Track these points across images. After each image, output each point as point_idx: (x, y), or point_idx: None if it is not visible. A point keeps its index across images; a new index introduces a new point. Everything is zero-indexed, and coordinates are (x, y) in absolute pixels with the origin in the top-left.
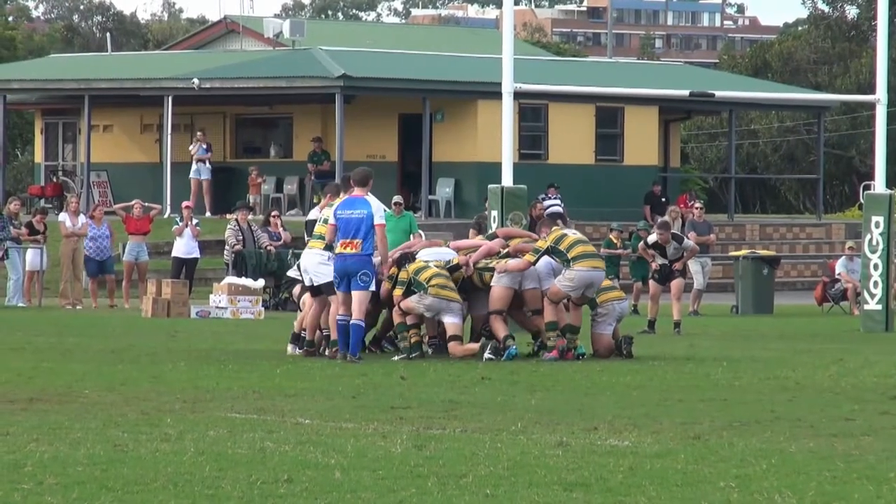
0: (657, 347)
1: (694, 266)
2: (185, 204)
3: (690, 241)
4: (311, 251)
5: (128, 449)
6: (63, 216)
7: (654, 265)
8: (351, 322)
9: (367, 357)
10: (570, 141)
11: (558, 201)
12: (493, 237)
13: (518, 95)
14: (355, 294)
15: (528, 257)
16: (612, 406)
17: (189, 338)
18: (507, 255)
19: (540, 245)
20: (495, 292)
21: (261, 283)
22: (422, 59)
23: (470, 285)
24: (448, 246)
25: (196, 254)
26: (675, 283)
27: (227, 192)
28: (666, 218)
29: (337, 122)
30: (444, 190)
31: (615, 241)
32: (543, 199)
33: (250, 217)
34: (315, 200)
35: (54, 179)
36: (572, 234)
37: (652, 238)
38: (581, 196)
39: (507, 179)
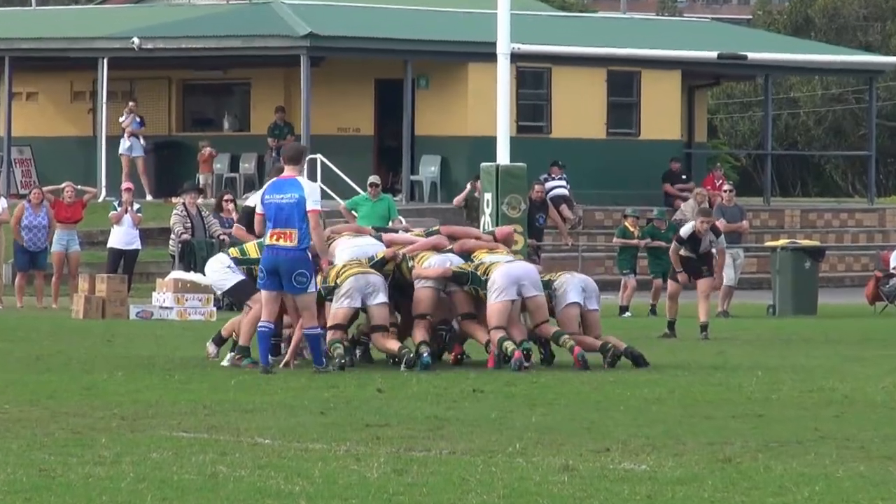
0: (680, 354)
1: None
2: (124, 186)
3: (723, 244)
4: (215, 258)
5: (55, 474)
6: None
7: (681, 277)
8: (304, 332)
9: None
10: (578, 111)
11: (563, 183)
12: (434, 234)
13: (516, 57)
14: (297, 299)
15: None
16: (627, 424)
17: (128, 343)
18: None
19: (467, 266)
20: (418, 294)
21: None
22: (403, 14)
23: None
24: (440, 232)
25: (136, 244)
26: (703, 282)
27: (172, 172)
28: (705, 206)
29: (302, 89)
30: (429, 169)
31: (631, 228)
32: (546, 181)
33: (200, 201)
34: None
35: None
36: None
37: (687, 229)
38: (590, 176)
39: (504, 156)
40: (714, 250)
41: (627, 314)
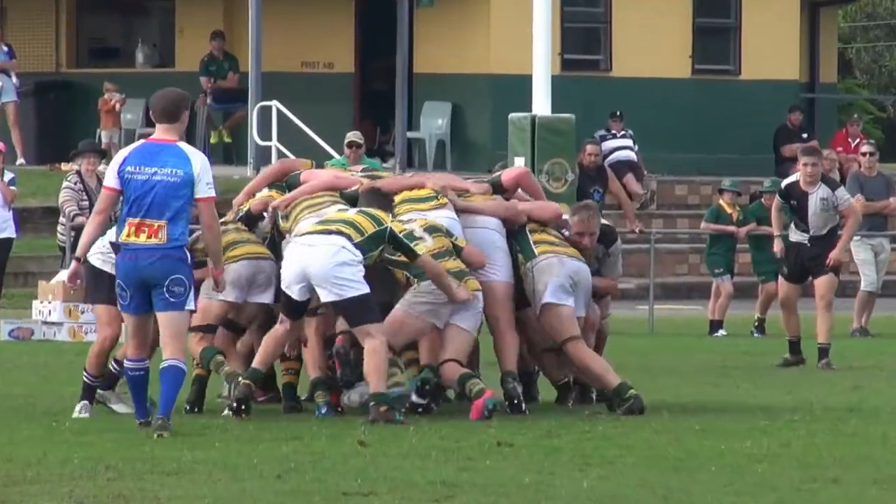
0: (799, 391)
1: (860, 251)
2: None
3: (852, 200)
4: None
5: None
6: None
7: (776, 245)
8: (167, 364)
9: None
10: (650, 40)
11: (629, 142)
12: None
13: None
14: (164, 318)
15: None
16: (720, 490)
17: None
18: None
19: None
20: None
21: None
22: None
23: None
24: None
25: (10, 231)
26: (822, 282)
27: (60, 126)
28: (813, 143)
29: (251, 8)
30: (434, 122)
31: (728, 209)
32: (604, 139)
33: (102, 168)
34: (213, 139)
35: None
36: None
37: (790, 179)
38: (669, 133)
39: (543, 104)
40: (839, 222)
41: (721, 332)
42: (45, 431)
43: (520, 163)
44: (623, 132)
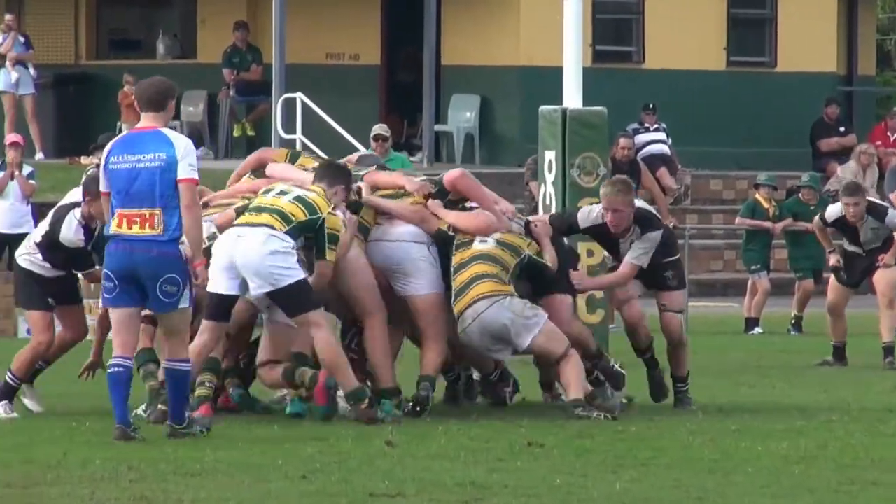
0: (836, 389)
1: None
2: (9, 139)
3: None
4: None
5: None
6: None
7: (832, 259)
8: (167, 366)
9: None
10: (683, 32)
11: (662, 136)
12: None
13: None
14: (159, 318)
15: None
16: (756, 493)
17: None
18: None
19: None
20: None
21: None
22: None
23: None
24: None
25: (29, 227)
26: (882, 280)
27: (80, 119)
28: (855, 179)
29: None
30: (463, 115)
31: (764, 204)
32: (636, 133)
33: None
34: (236, 132)
35: None
36: None
37: (834, 211)
38: (703, 127)
39: (574, 97)
40: (891, 236)
41: (757, 330)
42: (64, 432)
43: (550, 157)
44: (656, 125)
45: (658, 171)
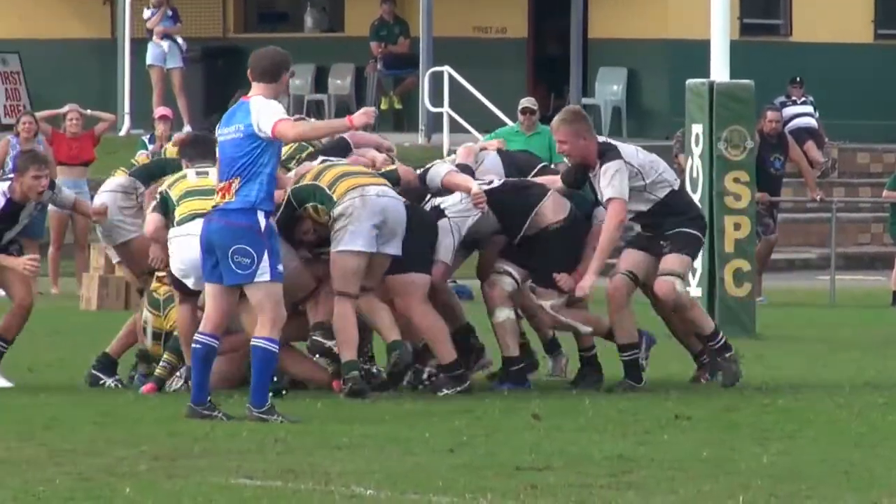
0: None
1: None
2: (158, 112)
3: None
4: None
5: None
6: None
7: None
8: (254, 344)
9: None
10: (831, 4)
11: (809, 109)
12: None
13: None
14: (248, 294)
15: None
16: None
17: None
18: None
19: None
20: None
21: None
22: None
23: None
24: None
25: None
26: None
27: (227, 93)
28: None
29: None
30: (610, 88)
31: None
32: (784, 106)
33: None
34: (383, 105)
35: None
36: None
37: None
38: (850, 100)
39: (721, 70)
40: None
41: None
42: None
43: (697, 130)
44: (803, 98)
45: (805, 145)
